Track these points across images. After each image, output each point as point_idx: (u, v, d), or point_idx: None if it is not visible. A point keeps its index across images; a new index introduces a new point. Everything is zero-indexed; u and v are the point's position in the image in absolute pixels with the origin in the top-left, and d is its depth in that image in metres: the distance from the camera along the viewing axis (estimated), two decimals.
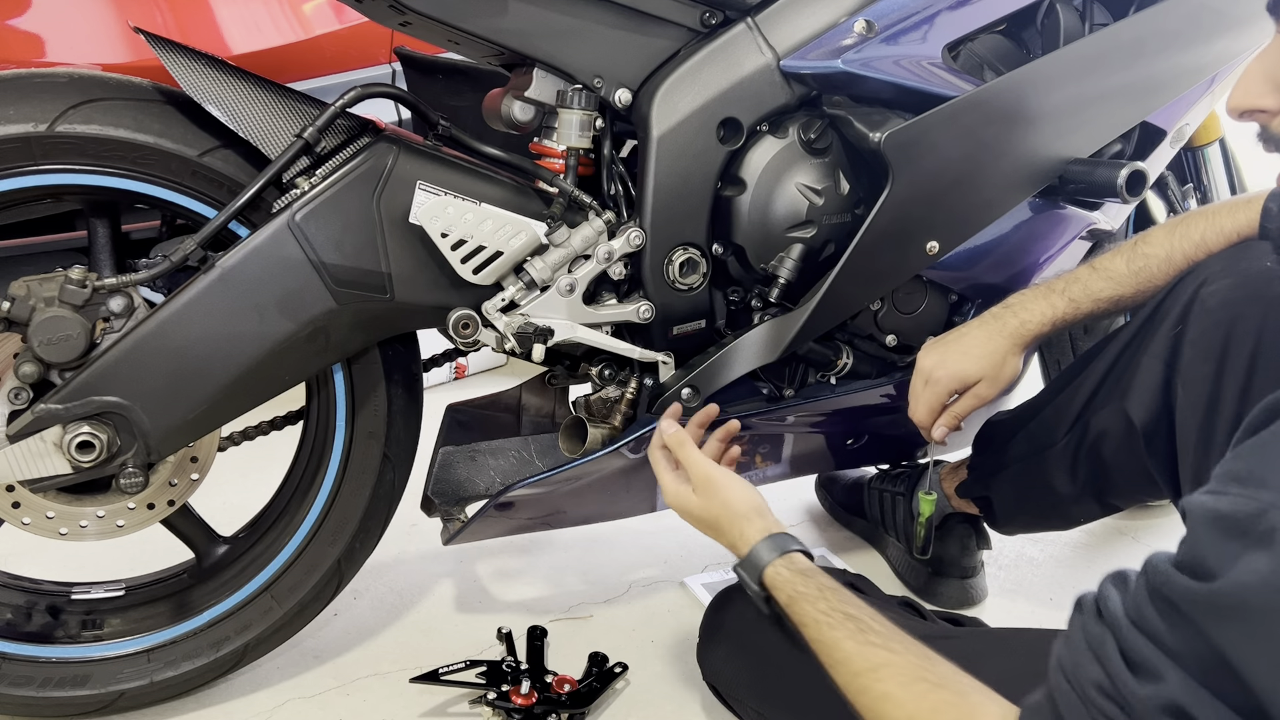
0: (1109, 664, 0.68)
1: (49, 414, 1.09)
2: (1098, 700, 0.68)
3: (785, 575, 1.02)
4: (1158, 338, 1.19)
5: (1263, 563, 0.60)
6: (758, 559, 1.04)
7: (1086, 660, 0.70)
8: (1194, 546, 0.65)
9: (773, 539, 1.05)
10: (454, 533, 1.36)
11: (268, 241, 1.11)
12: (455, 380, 2.44)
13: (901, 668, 0.87)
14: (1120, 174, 1.27)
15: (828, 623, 0.95)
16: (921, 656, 0.88)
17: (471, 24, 1.13)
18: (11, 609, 1.28)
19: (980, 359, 1.24)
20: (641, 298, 1.25)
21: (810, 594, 0.98)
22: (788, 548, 1.04)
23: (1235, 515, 0.63)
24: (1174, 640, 0.65)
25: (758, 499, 1.10)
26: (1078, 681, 0.70)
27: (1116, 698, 0.68)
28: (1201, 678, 0.64)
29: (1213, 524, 0.64)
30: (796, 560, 1.03)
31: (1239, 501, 0.63)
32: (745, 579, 1.06)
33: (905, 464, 1.68)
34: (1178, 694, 0.64)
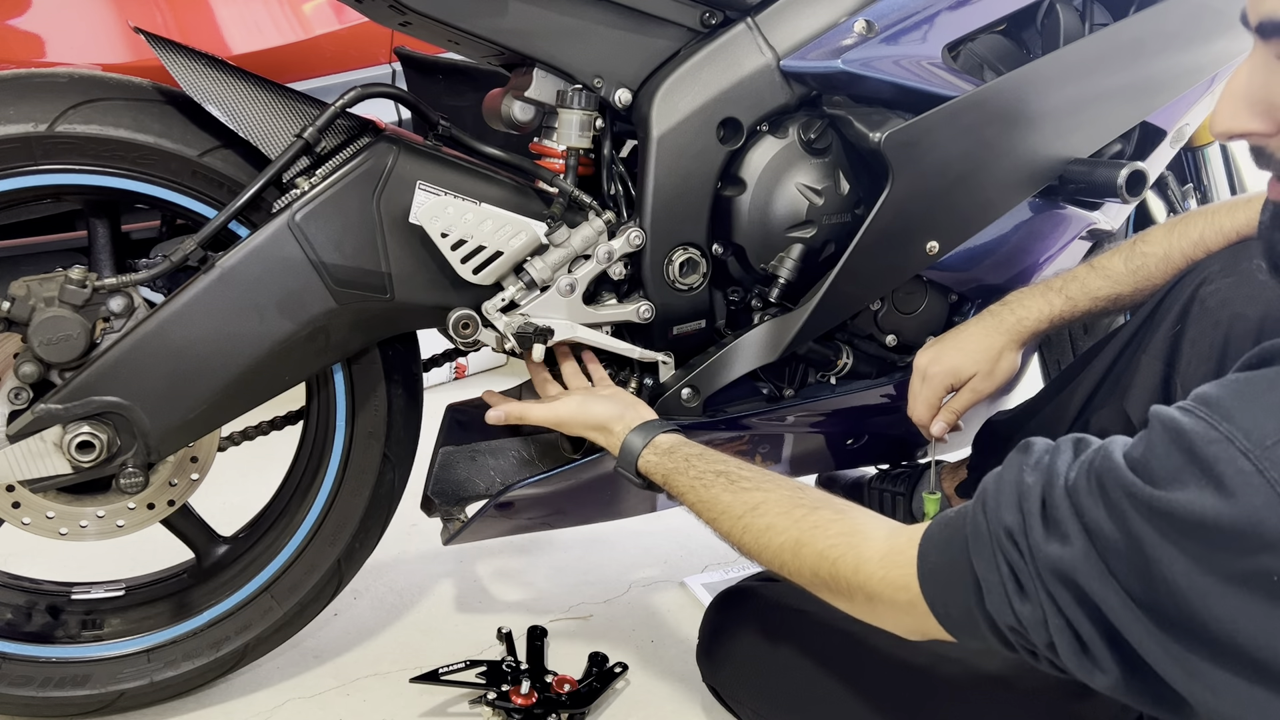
0: (1028, 514, 0.72)
1: (49, 414, 1.09)
2: (1004, 542, 0.73)
3: (654, 460, 1.10)
4: (1157, 337, 1.19)
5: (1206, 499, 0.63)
6: (629, 455, 1.12)
7: (1009, 505, 0.74)
8: (1147, 450, 0.67)
9: (636, 431, 1.13)
10: (454, 533, 1.36)
11: (268, 241, 1.11)
12: (455, 380, 2.44)
13: (776, 500, 0.95)
14: (1120, 174, 1.27)
15: (701, 484, 1.03)
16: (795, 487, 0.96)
17: (471, 24, 1.13)
18: (11, 609, 1.28)
19: (975, 354, 1.25)
20: (641, 298, 1.25)
21: (679, 467, 1.07)
22: (651, 434, 1.12)
23: (1192, 434, 0.65)
24: (1095, 516, 0.68)
25: (611, 403, 1.18)
26: (993, 520, 0.74)
27: (1022, 546, 0.72)
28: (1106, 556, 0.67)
29: (1170, 436, 0.66)
30: (660, 442, 1.11)
31: (1200, 424, 0.65)
32: (626, 476, 1.14)
33: (905, 464, 1.68)
34: (1077, 562, 0.68)
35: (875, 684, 1.07)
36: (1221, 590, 0.63)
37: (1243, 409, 0.64)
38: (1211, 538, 0.63)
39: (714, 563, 1.66)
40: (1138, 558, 0.66)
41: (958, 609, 0.78)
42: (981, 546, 0.75)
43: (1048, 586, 0.70)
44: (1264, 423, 0.63)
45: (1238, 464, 0.62)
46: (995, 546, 0.74)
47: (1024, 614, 0.72)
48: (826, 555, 0.88)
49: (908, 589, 0.81)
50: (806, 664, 1.12)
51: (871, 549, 0.86)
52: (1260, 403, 0.65)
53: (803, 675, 1.12)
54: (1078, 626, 0.70)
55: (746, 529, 0.96)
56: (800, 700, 1.11)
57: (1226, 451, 0.63)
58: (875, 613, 0.87)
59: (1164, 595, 0.65)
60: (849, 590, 0.87)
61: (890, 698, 1.06)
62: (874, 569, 0.84)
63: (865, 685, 1.07)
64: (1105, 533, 0.68)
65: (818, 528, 0.90)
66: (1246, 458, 0.62)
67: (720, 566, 1.65)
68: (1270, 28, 0.72)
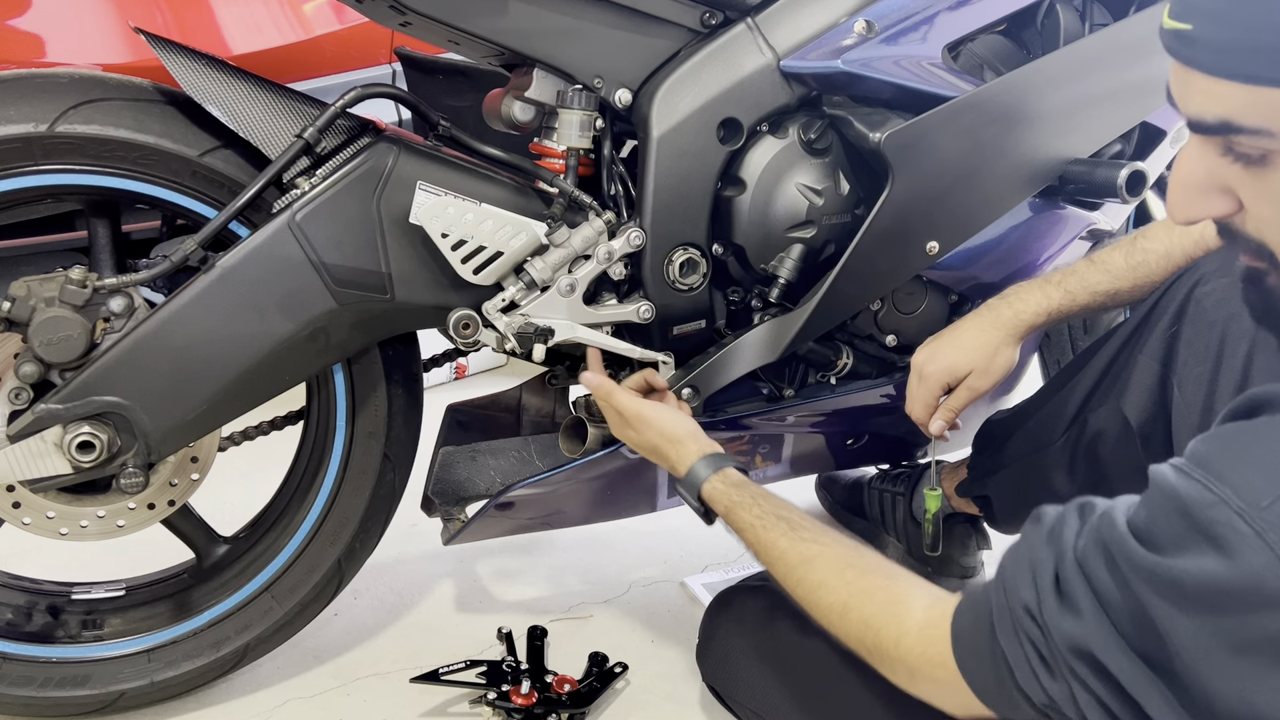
0: (1042, 590, 0.72)
1: (49, 414, 1.09)
2: (1023, 620, 0.73)
3: (720, 489, 1.10)
4: (1153, 337, 1.19)
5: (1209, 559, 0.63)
6: (695, 477, 1.13)
7: (1025, 581, 0.75)
8: (1149, 516, 0.68)
9: (708, 459, 1.13)
10: (454, 533, 1.36)
11: (268, 241, 1.11)
12: (455, 380, 2.44)
13: (831, 558, 0.96)
14: (1120, 174, 1.27)
15: (762, 525, 1.04)
16: (850, 548, 0.96)
17: (471, 24, 1.13)
18: (12, 609, 1.28)
19: (971, 350, 1.24)
20: (641, 298, 1.25)
21: (744, 502, 1.07)
22: (721, 465, 1.13)
23: (1189, 498, 0.65)
24: (1106, 588, 0.69)
25: (691, 425, 1.18)
26: (1012, 598, 0.75)
27: (1040, 622, 0.72)
28: (1122, 628, 0.68)
29: (1170, 502, 0.67)
30: (730, 475, 1.12)
31: (1197, 488, 0.65)
32: (686, 496, 1.15)
33: (905, 464, 1.68)
34: (1092, 636, 0.69)
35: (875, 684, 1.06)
36: (1230, 659, 0.63)
37: (1235, 468, 0.65)
38: (1216, 602, 0.63)
39: (714, 563, 1.66)
40: (1149, 627, 0.66)
41: (995, 686, 0.77)
42: (1004, 625, 0.75)
43: (1069, 662, 0.70)
44: (1258, 481, 0.63)
45: (1236, 526, 0.62)
46: (1016, 625, 0.74)
47: (1053, 691, 0.72)
48: (871, 624, 0.88)
49: (945, 666, 0.80)
50: (806, 664, 1.12)
51: (912, 621, 0.85)
52: (1252, 460, 0.65)
53: (802, 675, 1.12)
54: (1107, 701, 0.69)
55: (800, 581, 0.97)
56: (800, 700, 1.11)
57: (1224, 514, 0.63)
58: (919, 687, 0.86)
59: (1178, 665, 0.64)
60: (891, 662, 0.87)
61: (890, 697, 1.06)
62: (913, 643, 0.84)
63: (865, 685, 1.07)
64: (1115, 603, 0.68)
65: (865, 593, 0.90)
66: (1243, 519, 0.62)
67: (720, 566, 1.65)
68: (1201, 127, 0.71)
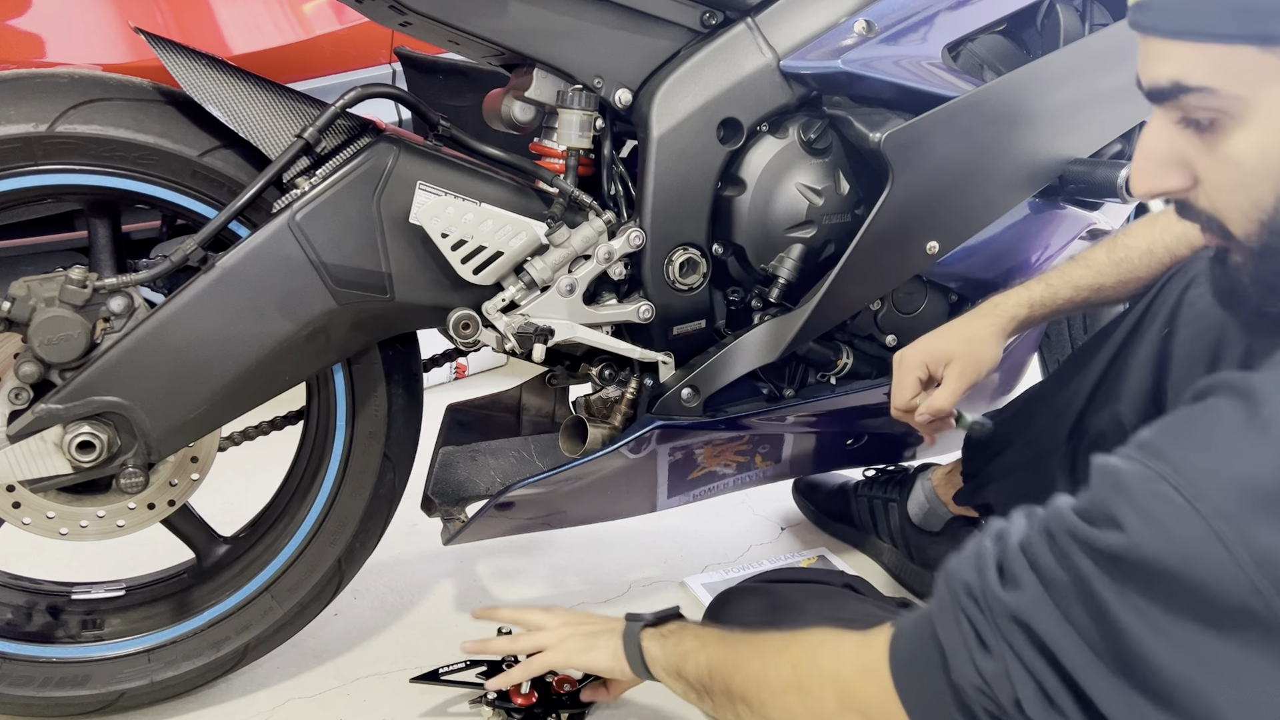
0: (984, 570, 0.73)
1: (49, 414, 1.09)
2: (963, 600, 0.74)
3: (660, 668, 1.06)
4: (1147, 341, 1.18)
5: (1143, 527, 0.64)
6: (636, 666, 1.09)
7: (968, 568, 0.75)
8: (1090, 498, 0.69)
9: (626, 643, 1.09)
10: (454, 533, 1.36)
11: (268, 241, 1.11)
12: (455, 380, 2.44)
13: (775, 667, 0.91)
14: (1120, 174, 1.27)
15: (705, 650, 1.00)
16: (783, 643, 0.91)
17: (471, 24, 1.13)
18: (12, 609, 1.28)
19: (954, 336, 1.24)
20: (641, 298, 1.25)
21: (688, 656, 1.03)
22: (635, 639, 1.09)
23: (1127, 475, 0.66)
24: (1048, 566, 0.69)
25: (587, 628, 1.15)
26: (952, 583, 0.75)
27: (980, 600, 0.73)
28: (1059, 600, 0.68)
29: (1110, 481, 0.67)
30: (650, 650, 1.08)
31: (1134, 465, 0.66)
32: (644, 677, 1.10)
33: (893, 469, 1.68)
34: (1029, 606, 0.69)
35: None
36: (1168, 628, 0.63)
37: (1174, 446, 0.66)
38: (1153, 574, 0.63)
39: (714, 563, 1.66)
40: (1088, 601, 0.66)
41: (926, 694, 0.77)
42: (944, 613, 0.76)
43: (1006, 635, 0.70)
44: (1194, 458, 0.64)
45: (1172, 500, 0.63)
46: (956, 608, 0.74)
47: (987, 670, 0.72)
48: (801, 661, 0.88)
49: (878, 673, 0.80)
50: None
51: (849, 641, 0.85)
52: (1191, 438, 0.66)
53: None
54: (1039, 676, 0.69)
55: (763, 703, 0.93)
56: None
57: (1160, 488, 0.64)
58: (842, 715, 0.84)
59: (1114, 638, 0.65)
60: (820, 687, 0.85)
61: None
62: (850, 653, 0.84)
63: None
64: (1055, 577, 0.68)
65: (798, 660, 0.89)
66: (1180, 494, 0.63)
67: (720, 566, 1.65)
68: (1156, 93, 0.74)
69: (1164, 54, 0.73)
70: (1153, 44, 0.74)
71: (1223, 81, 0.70)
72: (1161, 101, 0.75)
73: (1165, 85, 0.73)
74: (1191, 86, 0.71)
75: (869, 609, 1.16)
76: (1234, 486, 0.62)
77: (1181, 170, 0.76)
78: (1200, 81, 0.71)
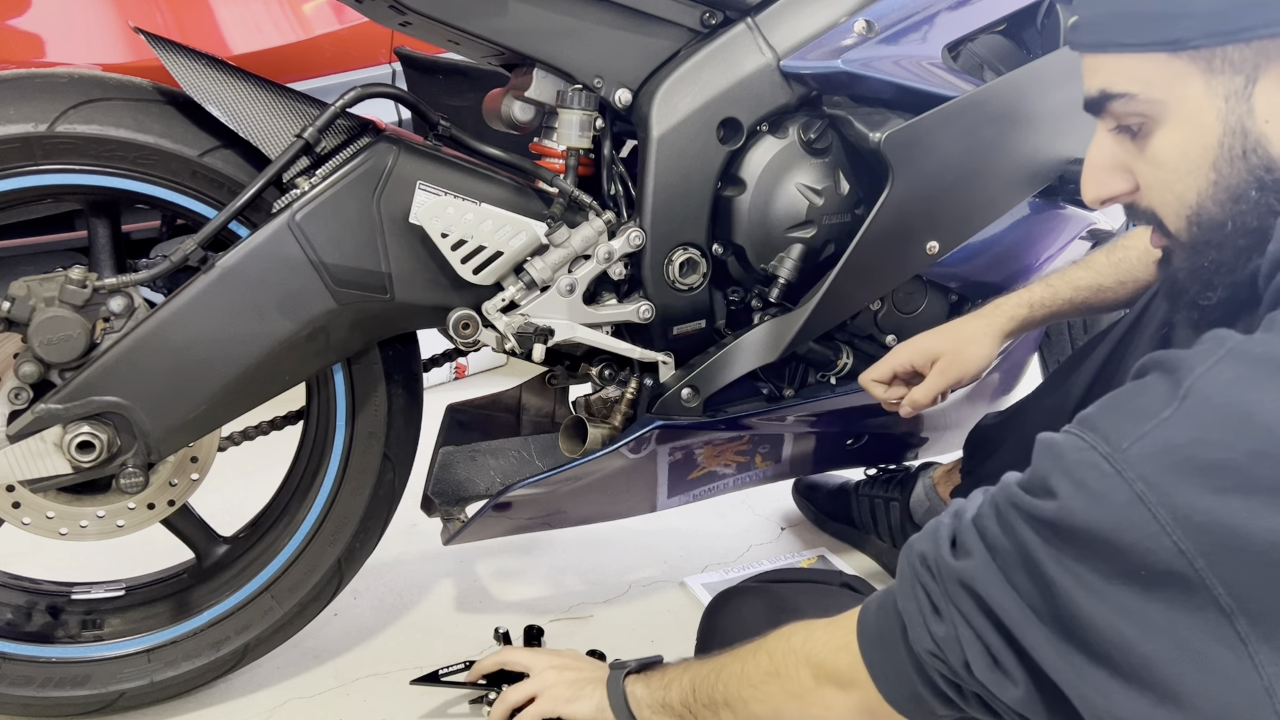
0: (939, 541, 0.78)
1: (49, 414, 1.09)
2: (919, 570, 0.78)
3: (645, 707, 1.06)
4: (1144, 339, 1.19)
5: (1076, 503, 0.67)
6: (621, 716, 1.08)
7: (925, 540, 0.79)
8: (1031, 470, 0.73)
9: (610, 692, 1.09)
10: (454, 533, 1.36)
11: (268, 241, 1.11)
12: (455, 380, 2.44)
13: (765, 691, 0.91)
14: None
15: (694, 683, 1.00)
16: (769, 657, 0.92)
17: (471, 24, 1.13)
18: (11, 609, 1.28)
19: (946, 334, 1.26)
20: (641, 298, 1.25)
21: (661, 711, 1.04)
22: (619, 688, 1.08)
23: (1062, 446, 0.70)
24: (994, 536, 0.73)
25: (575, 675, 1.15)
26: (910, 556, 0.80)
27: (933, 568, 0.77)
28: (1004, 567, 0.72)
29: (1047, 453, 0.71)
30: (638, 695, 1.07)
31: (1069, 438, 0.70)
32: None
33: (893, 468, 1.67)
34: (977, 572, 0.73)
35: None
36: (1103, 591, 0.66)
37: (1106, 418, 0.69)
38: (1085, 539, 0.67)
39: (714, 563, 1.66)
40: (1029, 566, 0.70)
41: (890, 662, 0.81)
42: (903, 584, 0.80)
43: (955, 600, 0.75)
44: (1123, 427, 0.67)
45: (1100, 468, 0.66)
46: (914, 578, 0.79)
47: (939, 634, 0.76)
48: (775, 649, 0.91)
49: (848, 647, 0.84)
50: None
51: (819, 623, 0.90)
52: (1122, 411, 0.69)
53: None
54: (985, 638, 0.73)
55: None
56: None
57: (1090, 457, 0.67)
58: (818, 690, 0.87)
59: (1053, 600, 0.69)
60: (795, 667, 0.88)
61: None
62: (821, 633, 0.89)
63: None
64: (1000, 545, 0.72)
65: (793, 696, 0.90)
66: (1107, 461, 0.66)
67: (720, 566, 1.65)
68: (1090, 105, 0.83)
69: (1094, 67, 0.81)
70: (1086, 60, 0.82)
71: (1140, 86, 0.78)
72: (1097, 112, 0.83)
73: (1095, 95, 0.81)
74: (1115, 94, 0.80)
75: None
76: (1155, 452, 0.65)
77: (1123, 175, 0.84)
78: (1122, 88, 0.79)
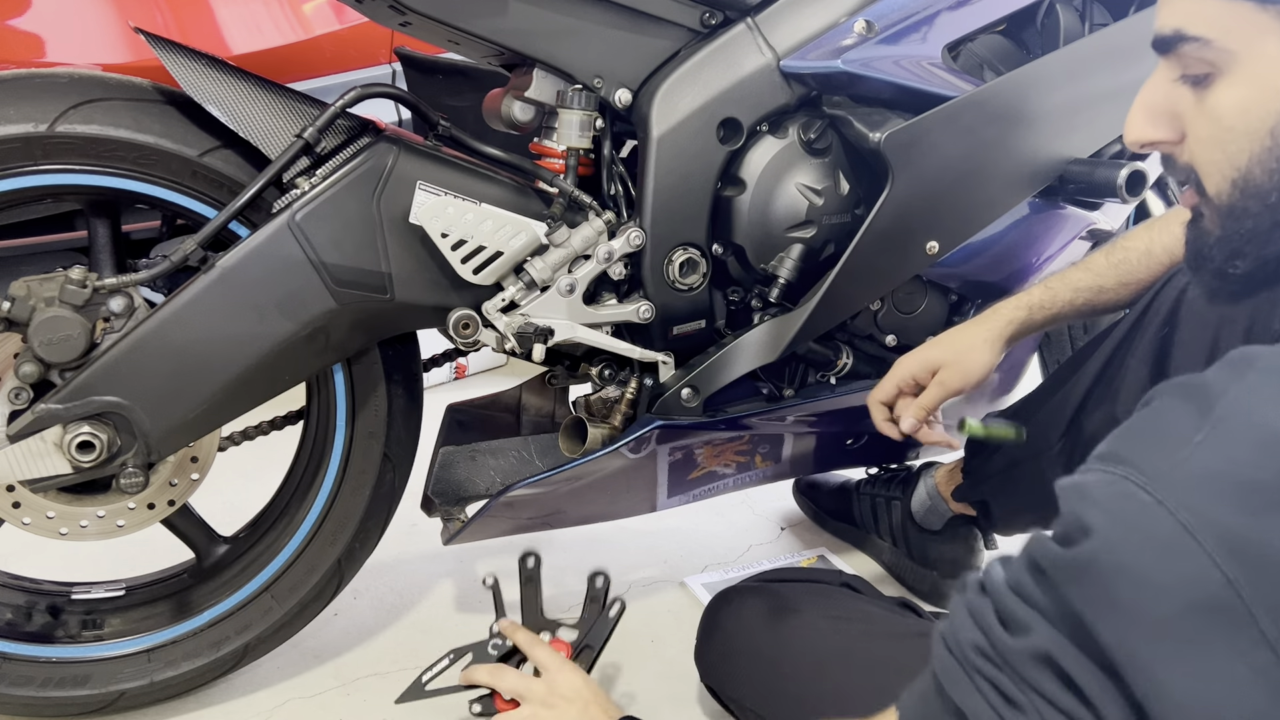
0: (987, 627, 0.70)
1: (49, 414, 1.09)
2: (975, 661, 0.70)
3: None
4: (1146, 339, 1.18)
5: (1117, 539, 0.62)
6: None
7: (966, 627, 0.71)
8: (1062, 518, 0.67)
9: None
10: (454, 533, 1.36)
11: (268, 241, 1.11)
12: (455, 380, 2.44)
13: None
14: (1120, 174, 1.27)
15: None
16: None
17: (471, 24, 1.13)
18: (11, 609, 1.28)
19: (946, 344, 1.25)
20: (641, 298, 1.25)
21: None
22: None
23: (1090, 485, 0.65)
24: (1043, 600, 0.67)
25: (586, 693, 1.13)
26: (957, 647, 0.72)
27: (992, 655, 0.69)
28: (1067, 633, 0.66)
29: (1075, 495, 0.66)
30: None
31: (1097, 475, 0.65)
32: None
33: (895, 467, 1.68)
34: (1046, 643, 0.66)
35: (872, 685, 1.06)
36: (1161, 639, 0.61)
37: (1131, 449, 0.65)
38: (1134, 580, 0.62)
39: (714, 563, 1.66)
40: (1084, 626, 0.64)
41: None
42: (956, 678, 0.71)
43: (1033, 683, 0.67)
44: (1155, 455, 0.63)
45: (1138, 498, 0.62)
46: (969, 670, 0.71)
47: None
48: None
49: None
50: (803, 665, 1.12)
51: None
52: (1147, 440, 0.65)
53: (800, 676, 1.12)
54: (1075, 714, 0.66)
55: None
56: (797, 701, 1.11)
57: (1124, 489, 0.63)
58: None
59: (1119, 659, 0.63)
60: None
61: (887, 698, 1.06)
62: None
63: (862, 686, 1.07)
64: (1053, 611, 0.67)
65: None
66: (1145, 490, 0.62)
67: (720, 566, 1.65)
68: (1160, 43, 0.77)
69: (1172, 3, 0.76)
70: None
71: (1218, 33, 0.73)
72: (1165, 51, 0.77)
73: (1168, 34, 0.76)
74: (1190, 36, 0.74)
75: (867, 608, 1.16)
76: (1197, 480, 0.61)
77: (1172, 123, 0.79)
78: (1199, 32, 0.74)
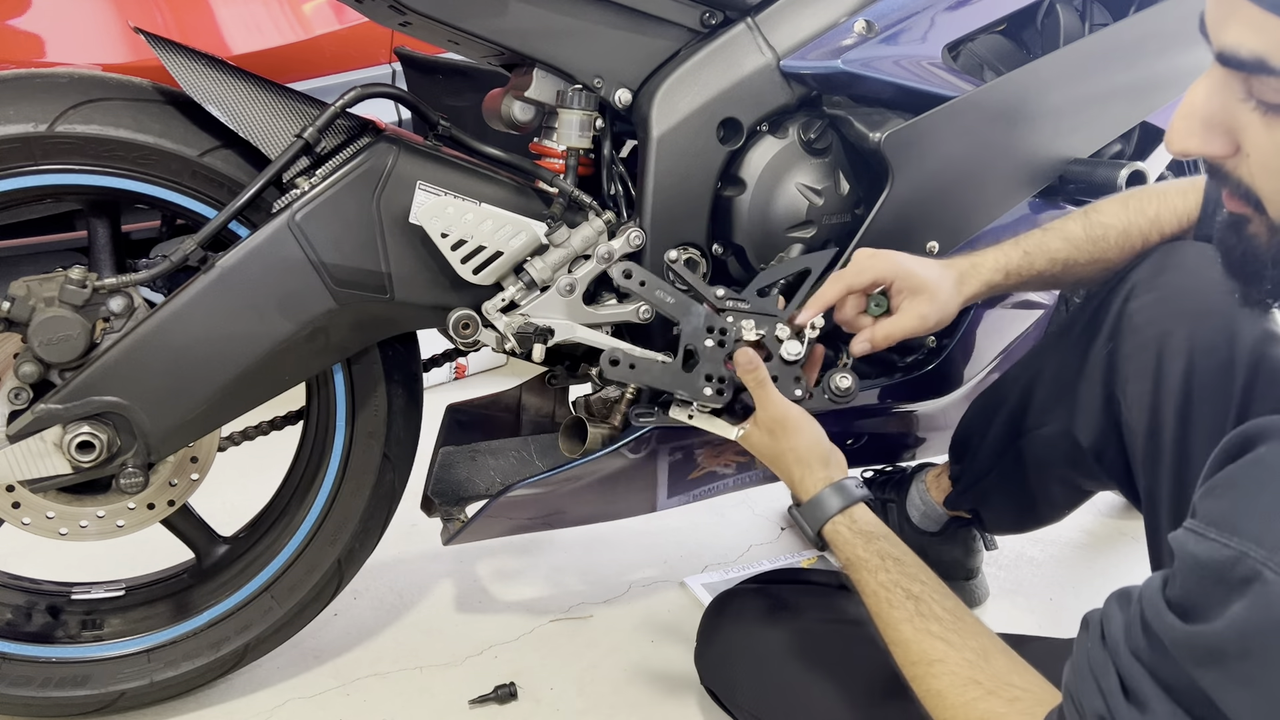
0: (1109, 694, 0.70)
1: (49, 414, 1.09)
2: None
3: (845, 535, 1.00)
4: (1093, 356, 1.17)
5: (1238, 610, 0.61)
6: (818, 510, 1.02)
7: (1090, 691, 0.72)
8: (1182, 588, 0.66)
9: (836, 489, 1.03)
10: (454, 533, 1.36)
11: (268, 241, 1.11)
12: (455, 380, 2.44)
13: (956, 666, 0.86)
14: (1120, 174, 1.27)
15: (888, 599, 0.94)
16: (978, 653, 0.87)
17: (471, 24, 1.13)
18: (11, 609, 1.28)
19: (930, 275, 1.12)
20: None
21: (871, 562, 0.96)
22: (850, 500, 1.02)
23: (1213, 562, 0.64)
24: (1164, 673, 0.66)
25: (827, 446, 1.07)
26: (1085, 712, 0.72)
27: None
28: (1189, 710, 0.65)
29: (1193, 570, 0.65)
30: (859, 519, 1.01)
31: (1215, 548, 0.64)
32: (804, 527, 1.04)
33: (890, 469, 1.67)
34: None
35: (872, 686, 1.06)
36: None
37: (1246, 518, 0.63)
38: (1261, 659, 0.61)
39: (714, 563, 1.66)
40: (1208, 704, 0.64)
41: None
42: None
43: None
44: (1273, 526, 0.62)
45: (1264, 577, 0.61)
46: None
47: None
48: None
49: None
50: (803, 666, 1.12)
51: None
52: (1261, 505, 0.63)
53: (799, 677, 1.12)
54: None
55: (916, 679, 0.89)
56: (797, 702, 1.11)
57: (1249, 568, 0.61)
58: None
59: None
60: None
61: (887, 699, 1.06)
62: None
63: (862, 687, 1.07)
64: (1177, 687, 0.66)
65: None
66: (1269, 568, 0.61)
67: (720, 567, 1.65)
68: (1233, 60, 0.67)
69: (1256, 24, 0.64)
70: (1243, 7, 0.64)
71: None
72: (1234, 70, 0.67)
73: (1246, 58, 0.65)
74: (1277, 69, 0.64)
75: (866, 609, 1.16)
76: None
77: (1226, 137, 0.70)
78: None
